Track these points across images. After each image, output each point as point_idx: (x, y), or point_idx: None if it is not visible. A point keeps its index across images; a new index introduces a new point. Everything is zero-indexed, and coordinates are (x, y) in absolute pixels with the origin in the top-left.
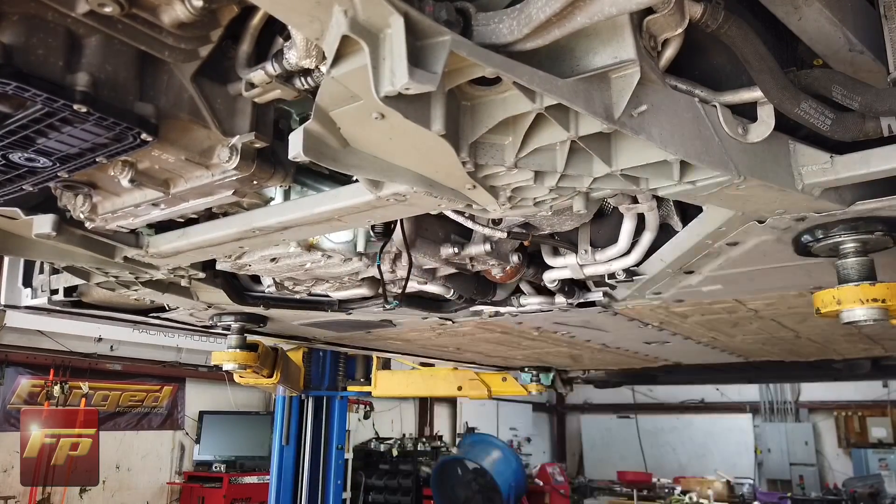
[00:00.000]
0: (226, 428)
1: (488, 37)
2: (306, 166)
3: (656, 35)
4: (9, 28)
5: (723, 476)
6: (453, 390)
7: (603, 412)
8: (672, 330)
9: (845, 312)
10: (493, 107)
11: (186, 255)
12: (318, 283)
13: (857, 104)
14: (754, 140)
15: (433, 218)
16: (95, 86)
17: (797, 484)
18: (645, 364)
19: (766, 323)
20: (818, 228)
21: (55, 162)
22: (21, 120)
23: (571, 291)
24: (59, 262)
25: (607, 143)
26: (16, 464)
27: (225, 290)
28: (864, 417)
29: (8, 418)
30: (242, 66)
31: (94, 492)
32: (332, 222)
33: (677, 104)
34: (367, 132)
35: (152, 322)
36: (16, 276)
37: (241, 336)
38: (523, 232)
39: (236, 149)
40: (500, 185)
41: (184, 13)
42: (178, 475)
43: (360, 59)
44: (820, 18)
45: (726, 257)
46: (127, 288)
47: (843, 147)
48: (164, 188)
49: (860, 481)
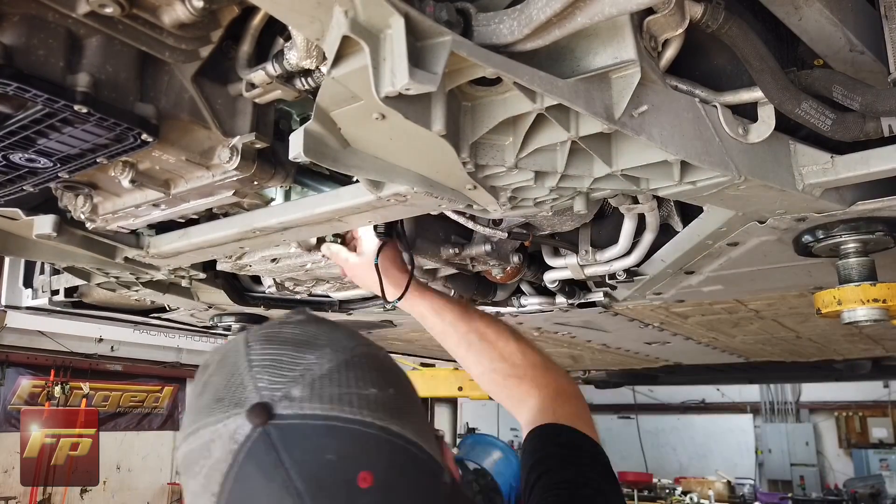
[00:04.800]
0: None
1: (489, 37)
2: (307, 167)
3: (657, 35)
4: (9, 29)
5: (723, 476)
6: (454, 391)
7: (603, 412)
8: (673, 330)
9: (846, 313)
10: (493, 107)
11: (187, 256)
12: (318, 283)
13: (857, 104)
14: (755, 140)
15: (433, 218)
16: (96, 86)
17: (798, 484)
18: (645, 364)
19: (766, 323)
20: (819, 229)
21: (56, 162)
22: (22, 120)
23: (572, 292)
24: (59, 262)
25: (608, 144)
26: (16, 464)
27: (225, 290)
28: (864, 418)
29: (8, 419)
30: (243, 67)
31: (95, 492)
32: (333, 223)
33: (678, 104)
34: (367, 132)
35: (153, 322)
36: (16, 276)
37: None
38: (524, 232)
39: (237, 149)
40: (500, 185)
41: (184, 14)
42: (179, 475)
43: (360, 60)
44: (820, 19)
45: (727, 258)
46: (127, 288)
47: (844, 147)
48: (165, 189)
49: (861, 482)
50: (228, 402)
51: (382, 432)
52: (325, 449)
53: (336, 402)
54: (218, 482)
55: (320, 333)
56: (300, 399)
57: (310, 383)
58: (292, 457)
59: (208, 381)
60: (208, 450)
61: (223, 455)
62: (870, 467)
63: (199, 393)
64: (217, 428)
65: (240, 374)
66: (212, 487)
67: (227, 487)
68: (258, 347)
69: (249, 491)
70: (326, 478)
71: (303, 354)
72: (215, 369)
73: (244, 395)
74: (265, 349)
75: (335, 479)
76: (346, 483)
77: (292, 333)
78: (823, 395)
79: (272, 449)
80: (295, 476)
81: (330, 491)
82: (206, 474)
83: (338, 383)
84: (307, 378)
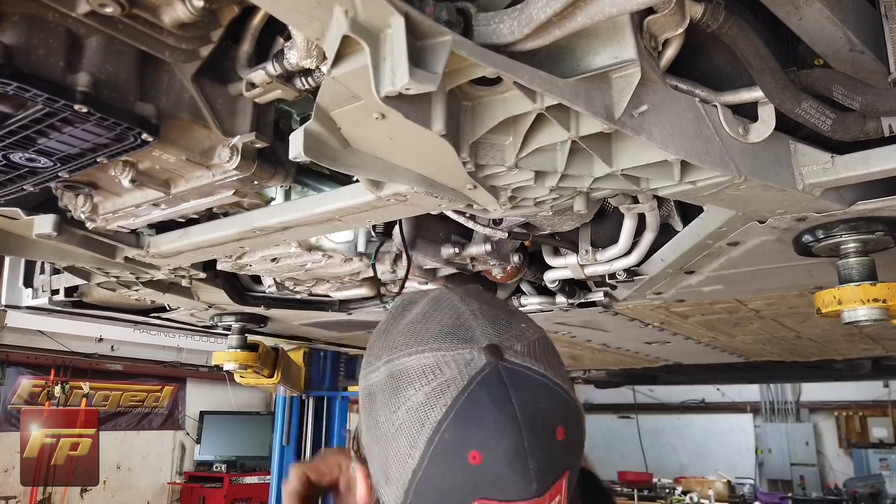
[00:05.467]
0: (226, 428)
1: (489, 37)
2: (307, 166)
3: (657, 35)
4: (9, 28)
5: (723, 476)
6: None
7: (603, 412)
8: (673, 330)
9: (846, 312)
10: (493, 107)
11: (187, 256)
12: (318, 283)
13: (857, 104)
14: (755, 140)
15: (433, 218)
16: (96, 86)
17: (798, 484)
18: (645, 364)
19: (766, 323)
20: (819, 228)
21: (56, 162)
22: (22, 120)
23: (572, 291)
24: (59, 262)
25: (608, 144)
26: (16, 464)
27: (226, 290)
28: (864, 417)
29: (8, 418)
30: (243, 67)
31: (95, 492)
32: (333, 222)
33: (678, 104)
34: (367, 132)
35: (153, 322)
36: (17, 276)
37: (242, 336)
38: (524, 232)
39: (237, 149)
40: (500, 185)
41: (184, 13)
42: (179, 475)
43: (360, 60)
44: (821, 18)
45: (727, 257)
46: (128, 288)
47: (844, 147)
48: (165, 188)
49: (861, 481)
50: (459, 337)
51: (572, 401)
52: (539, 399)
53: (546, 366)
54: (452, 396)
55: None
56: (522, 353)
57: (527, 344)
58: (517, 395)
59: (428, 315)
60: (439, 369)
61: (457, 376)
62: (870, 467)
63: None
64: (451, 353)
65: (465, 318)
66: (444, 399)
67: (461, 402)
68: (475, 303)
69: (480, 411)
70: (539, 421)
71: (515, 320)
72: (431, 308)
73: (474, 336)
74: (482, 306)
75: (545, 424)
76: (551, 430)
77: (496, 301)
78: (823, 395)
79: (503, 383)
80: (518, 410)
81: (540, 432)
82: (437, 387)
83: (544, 351)
84: (524, 339)
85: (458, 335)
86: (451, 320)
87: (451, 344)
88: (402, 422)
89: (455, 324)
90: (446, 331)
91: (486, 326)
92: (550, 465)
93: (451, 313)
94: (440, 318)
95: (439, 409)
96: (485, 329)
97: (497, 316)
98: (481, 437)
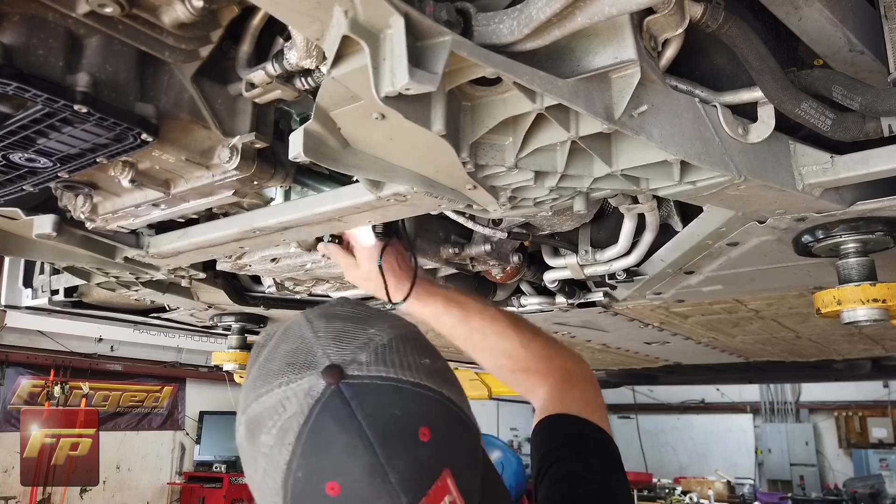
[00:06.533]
0: (226, 428)
1: (489, 37)
2: (307, 167)
3: (656, 35)
4: (9, 28)
5: (723, 476)
6: None
7: None
8: (672, 330)
9: (846, 313)
10: (493, 107)
11: (187, 256)
12: (318, 283)
13: (857, 104)
14: (755, 140)
15: (433, 218)
16: (96, 86)
17: (798, 484)
18: (645, 364)
19: (766, 323)
20: (819, 229)
21: (56, 162)
22: (21, 120)
23: (572, 292)
24: (59, 262)
25: (608, 144)
26: (16, 464)
27: (225, 290)
28: (864, 418)
29: (8, 418)
30: (243, 67)
31: (95, 492)
32: (333, 223)
33: (678, 104)
34: (367, 132)
35: (153, 322)
36: (16, 276)
37: (242, 336)
38: (524, 232)
39: (237, 149)
40: (500, 185)
41: (184, 13)
42: (179, 475)
43: (360, 60)
44: (820, 19)
45: (727, 257)
46: (127, 288)
47: (844, 147)
48: (165, 188)
49: (861, 482)
50: (300, 365)
51: (438, 395)
52: (391, 405)
53: (398, 367)
54: (294, 433)
55: (372, 314)
56: (367, 363)
57: (374, 351)
58: (363, 410)
59: (274, 349)
60: (282, 406)
61: (299, 409)
62: (869, 467)
63: (266, 360)
64: (291, 387)
65: (308, 344)
66: (288, 438)
67: (304, 437)
68: (321, 323)
69: (325, 439)
70: (393, 430)
71: (363, 328)
72: (279, 341)
73: (315, 360)
74: (328, 324)
75: (400, 431)
76: (410, 435)
77: (349, 312)
78: (823, 395)
79: (345, 403)
80: (366, 427)
81: (396, 441)
82: (281, 427)
83: (398, 352)
84: (371, 347)
85: (298, 363)
86: (293, 348)
87: (293, 375)
88: (264, 469)
89: (297, 351)
90: (288, 361)
91: (329, 346)
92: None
93: (295, 342)
94: (285, 349)
95: (287, 450)
96: (326, 349)
97: (343, 330)
98: (333, 466)
